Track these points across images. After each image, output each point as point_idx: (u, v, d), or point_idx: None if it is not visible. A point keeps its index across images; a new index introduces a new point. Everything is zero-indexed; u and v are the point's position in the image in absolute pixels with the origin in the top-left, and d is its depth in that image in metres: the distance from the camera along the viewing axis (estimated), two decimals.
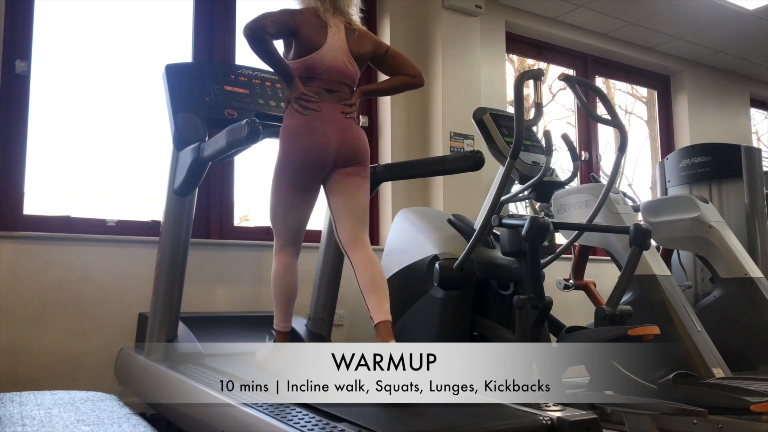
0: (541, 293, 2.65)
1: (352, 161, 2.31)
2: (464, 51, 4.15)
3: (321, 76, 2.30)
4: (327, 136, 2.24)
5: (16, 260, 2.87)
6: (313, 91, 2.28)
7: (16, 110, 3.03)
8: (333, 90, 2.32)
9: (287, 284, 2.36)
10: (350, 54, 2.35)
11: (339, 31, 2.33)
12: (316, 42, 2.29)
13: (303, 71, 2.30)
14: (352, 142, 2.30)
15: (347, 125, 2.31)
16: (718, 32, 5.10)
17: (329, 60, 2.30)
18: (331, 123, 2.27)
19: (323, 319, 3.02)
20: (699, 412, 2.08)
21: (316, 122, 2.25)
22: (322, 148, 2.23)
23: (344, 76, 2.35)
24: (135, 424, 1.71)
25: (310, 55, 2.28)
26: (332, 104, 2.30)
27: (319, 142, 2.23)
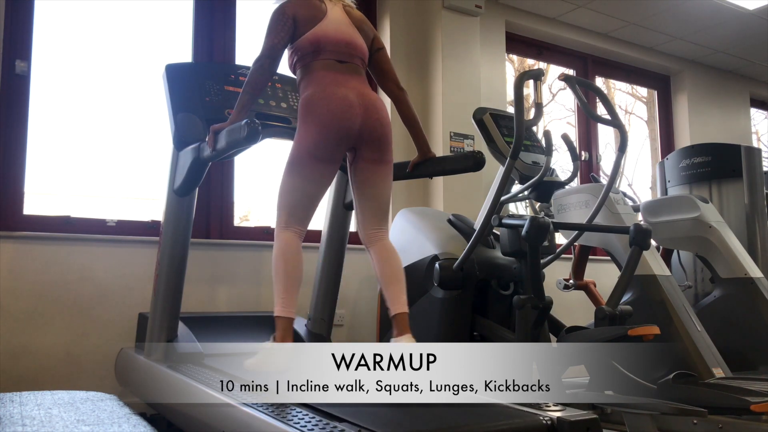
0: (541, 293, 2.65)
1: (377, 140, 2.21)
2: (464, 51, 4.15)
3: (328, 47, 2.23)
4: (349, 99, 2.15)
5: (16, 260, 2.87)
6: (323, 64, 2.21)
7: (16, 110, 3.03)
8: (344, 61, 2.25)
9: (293, 263, 2.11)
10: (354, 27, 2.31)
11: (337, 7, 2.30)
12: (316, 17, 2.24)
13: (308, 46, 2.22)
14: (377, 111, 2.21)
15: (368, 93, 2.23)
16: (718, 32, 5.10)
17: (333, 30, 2.25)
18: (351, 88, 2.18)
19: (323, 319, 3.02)
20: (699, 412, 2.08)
21: (335, 87, 2.17)
22: (346, 111, 2.13)
23: (353, 48, 2.28)
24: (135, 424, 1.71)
25: (311, 30, 2.22)
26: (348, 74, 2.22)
27: (341, 104, 2.13)
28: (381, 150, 2.23)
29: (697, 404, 2.15)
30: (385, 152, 2.25)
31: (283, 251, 2.12)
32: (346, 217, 3.01)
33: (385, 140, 2.24)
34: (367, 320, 3.70)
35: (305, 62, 2.23)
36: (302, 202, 2.18)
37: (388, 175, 2.28)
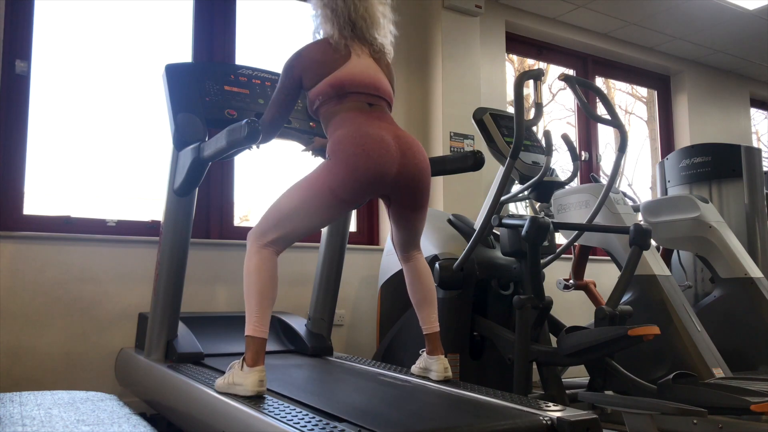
0: (541, 293, 2.66)
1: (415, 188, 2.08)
2: (464, 51, 4.15)
3: (354, 89, 2.10)
4: (386, 141, 2.00)
5: (16, 260, 2.87)
6: (351, 106, 2.08)
7: (16, 110, 3.03)
8: (373, 104, 2.13)
9: (270, 281, 1.98)
10: (381, 71, 2.19)
11: (364, 53, 2.16)
12: (337, 61, 2.10)
13: (331, 90, 2.09)
14: (414, 156, 2.05)
15: (404, 135, 2.08)
16: (718, 32, 5.11)
17: (359, 73, 2.12)
18: (386, 129, 2.04)
19: (323, 319, 3.02)
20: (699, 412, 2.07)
21: (369, 127, 2.02)
22: (383, 155, 1.97)
23: (381, 91, 2.15)
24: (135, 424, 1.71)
25: (333, 73, 2.09)
26: (379, 116, 2.10)
27: (378, 146, 1.97)
28: (419, 198, 2.13)
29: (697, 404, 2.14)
30: (424, 199, 2.14)
31: (258, 267, 1.98)
32: (346, 218, 3.02)
33: (424, 188, 2.12)
34: (367, 320, 3.70)
35: (330, 106, 2.11)
36: (299, 232, 2.04)
37: (425, 214, 2.21)
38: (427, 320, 2.24)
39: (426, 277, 2.26)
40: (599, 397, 2.44)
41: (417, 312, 2.26)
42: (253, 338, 1.95)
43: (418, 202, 2.14)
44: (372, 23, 2.17)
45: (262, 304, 1.97)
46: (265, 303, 1.97)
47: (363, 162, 1.95)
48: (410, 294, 2.27)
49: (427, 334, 2.24)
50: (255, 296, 1.97)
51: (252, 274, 1.99)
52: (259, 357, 1.94)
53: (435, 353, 2.24)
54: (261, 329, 1.95)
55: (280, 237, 2.02)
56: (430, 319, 2.24)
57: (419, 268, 2.26)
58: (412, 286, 2.26)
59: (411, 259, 2.27)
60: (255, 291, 1.97)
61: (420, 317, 2.25)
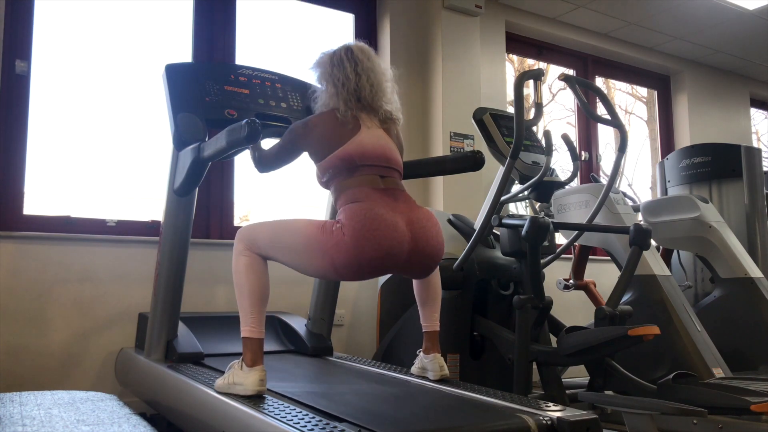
0: (541, 293, 2.65)
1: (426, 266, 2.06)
2: (464, 51, 4.15)
3: (365, 162, 2.02)
4: (399, 229, 1.91)
5: (16, 260, 2.87)
6: (364, 180, 2.00)
7: (16, 110, 3.03)
8: (384, 176, 2.05)
9: (260, 280, 1.96)
10: (392, 141, 2.14)
11: (374, 123, 2.11)
12: (346, 133, 2.05)
13: (341, 164, 2.02)
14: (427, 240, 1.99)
15: (418, 218, 2.00)
16: (718, 32, 5.11)
17: (371, 145, 2.05)
18: (400, 213, 1.96)
19: (323, 318, 3.02)
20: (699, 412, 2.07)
21: (384, 209, 1.92)
22: (395, 246, 1.90)
23: (392, 162, 2.09)
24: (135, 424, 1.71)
25: (343, 146, 2.02)
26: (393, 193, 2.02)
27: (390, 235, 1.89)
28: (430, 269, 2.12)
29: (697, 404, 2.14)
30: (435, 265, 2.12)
31: (248, 267, 1.96)
32: None
33: (433, 266, 2.11)
34: (367, 320, 3.70)
35: (340, 180, 2.04)
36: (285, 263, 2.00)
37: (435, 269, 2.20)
38: (428, 318, 2.24)
39: (434, 276, 2.25)
40: (599, 397, 2.44)
41: (420, 309, 2.26)
42: (250, 339, 1.94)
43: (427, 272, 2.15)
44: (376, 92, 2.12)
45: (255, 303, 1.94)
46: (258, 302, 1.95)
47: (371, 249, 1.86)
48: (415, 290, 2.26)
49: (427, 332, 2.24)
50: (247, 296, 1.95)
51: (242, 274, 1.96)
52: (258, 357, 1.93)
53: (431, 351, 2.24)
54: (257, 329, 1.94)
55: (267, 255, 2.00)
56: (431, 318, 2.24)
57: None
58: (419, 286, 2.26)
59: None
60: (247, 291, 1.95)
61: (422, 314, 2.25)
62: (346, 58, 2.12)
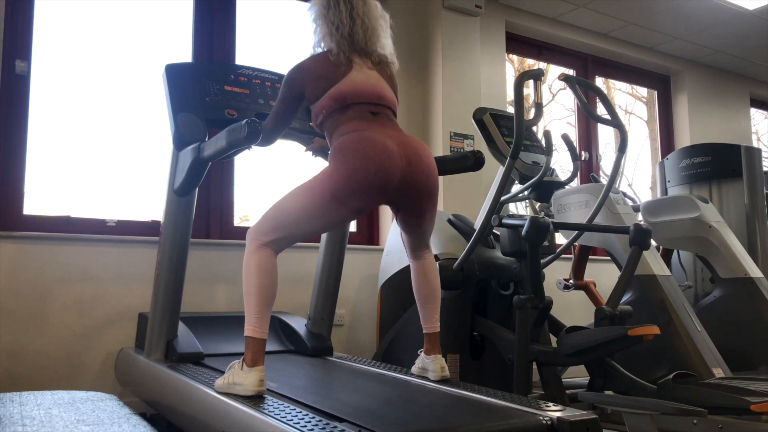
0: (541, 293, 2.66)
1: (422, 194, 2.05)
2: (464, 51, 4.15)
3: (357, 100, 2.07)
4: (388, 147, 1.96)
5: (16, 260, 2.87)
6: (354, 115, 2.05)
7: (16, 110, 3.03)
8: (376, 112, 2.10)
9: (270, 280, 1.97)
10: (384, 81, 2.17)
11: (365, 65, 2.14)
12: (339, 73, 2.08)
13: (333, 103, 2.06)
14: (420, 161, 2.02)
15: (410, 141, 2.04)
16: (718, 32, 5.11)
17: (362, 83, 2.09)
18: (389, 136, 2.00)
19: (323, 318, 3.02)
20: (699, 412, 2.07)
21: (372, 132, 1.98)
22: (385, 160, 1.94)
23: (385, 100, 2.13)
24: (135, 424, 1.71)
25: (335, 86, 2.06)
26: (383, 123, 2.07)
27: (380, 151, 1.94)
28: (425, 204, 2.10)
29: (697, 404, 2.14)
30: (431, 204, 2.12)
31: (258, 266, 1.96)
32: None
33: (431, 194, 2.09)
34: (367, 320, 3.70)
35: (333, 119, 2.08)
36: (298, 235, 2.01)
37: (434, 216, 2.18)
38: (428, 319, 2.24)
39: (433, 276, 2.25)
40: (599, 397, 2.44)
41: (420, 310, 2.26)
42: (253, 339, 1.93)
43: (424, 208, 2.11)
44: (370, 36, 2.15)
45: (262, 303, 1.94)
46: (265, 303, 1.95)
47: (363, 165, 1.92)
48: (415, 291, 2.26)
49: (427, 334, 2.25)
50: (255, 296, 1.95)
51: (251, 273, 1.96)
52: (259, 357, 1.93)
53: (432, 353, 2.25)
54: (260, 330, 1.94)
55: (279, 238, 2.00)
56: (432, 319, 2.24)
57: (427, 266, 2.25)
58: (418, 284, 2.25)
59: (420, 257, 2.26)
60: (255, 290, 1.95)
61: (422, 316, 2.25)
62: (342, 1, 2.14)
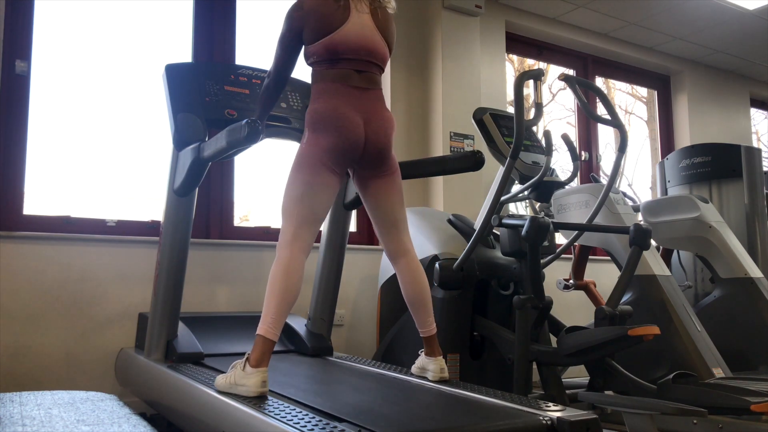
0: (541, 293, 2.66)
1: (376, 154, 2.14)
2: (464, 51, 4.15)
3: (347, 55, 2.11)
4: (355, 120, 2.08)
5: (16, 260, 2.87)
6: (339, 74, 2.11)
7: (16, 110, 3.03)
8: (362, 71, 2.14)
9: (294, 283, 1.98)
10: (379, 32, 2.18)
11: (363, 8, 2.15)
12: (336, 20, 2.09)
13: (325, 53, 2.11)
14: (378, 127, 2.12)
15: (377, 111, 2.14)
16: (718, 32, 5.11)
17: (355, 37, 2.11)
18: (361, 110, 2.10)
19: (323, 318, 3.02)
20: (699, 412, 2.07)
21: (345, 107, 2.08)
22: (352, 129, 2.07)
23: (375, 56, 2.16)
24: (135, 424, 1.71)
25: (329, 35, 2.09)
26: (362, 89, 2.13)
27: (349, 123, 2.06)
28: (379, 164, 2.17)
29: (697, 404, 2.14)
30: (383, 165, 2.18)
31: (286, 267, 1.97)
32: (346, 218, 3.01)
33: (384, 154, 2.16)
34: (367, 320, 3.70)
35: (321, 68, 2.14)
36: (315, 210, 2.07)
37: (393, 186, 2.21)
38: (423, 323, 2.22)
39: (419, 278, 2.22)
40: (599, 397, 2.44)
41: (412, 315, 2.24)
42: (264, 339, 1.93)
43: (380, 170, 2.18)
44: None
45: (282, 305, 1.95)
46: (284, 306, 1.95)
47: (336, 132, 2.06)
48: (404, 296, 2.24)
49: (425, 337, 2.24)
50: (276, 297, 1.95)
51: (277, 273, 1.98)
52: (264, 358, 1.93)
53: (433, 355, 2.24)
54: (273, 332, 1.94)
55: (300, 222, 2.04)
56: (426, 322, 2.22)
57: (411, 268, 2.22)
58: (405, 288, 2.23)
59: (399, 254, 2.23)
60: (276, 290, 1.95)
61: (416, 320, 2.24)
62: None
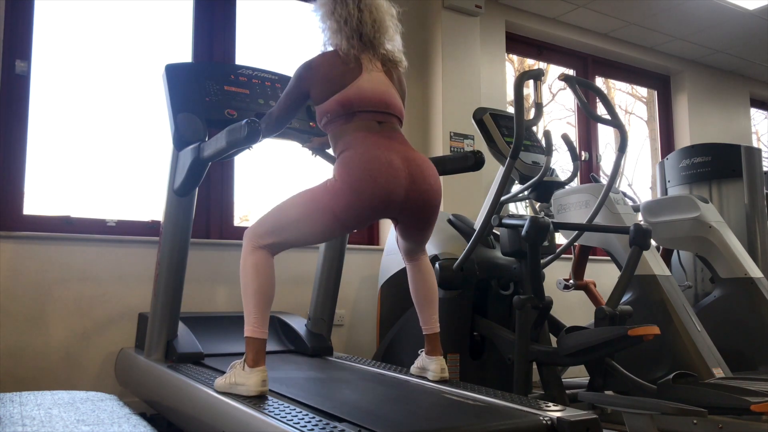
0: (541, 293, 2.66)
1: (424, 210, 2.03)
2: (464, 51, 4.15)
3: (363, 108, 2.03)
4: (394, 164, 1.93)
5: (16, 260, 2.87)
6: (360, 125, 2.02)
7: (16, 110, 3.03)
8: (382, 121, 2.06)
9: (267, 280, 1.97)
10: (393, 85, 2.13)
11: (376, 67, 2.10)
12: (348, 77, 2.04)
13: (340, 108, 2.03)
14: (424, 179, 1.99)
15: (414, 157, 2.01)
16: (718, 32, 5.11)
17: (370, 90, 2.05)
18: (395, 151, 1.97)
19: (323, 318, 3.02)
20: (699, 412, 2.07)
21: (378, 149, 1.94)
22: (391, 180, 1.91)
23: (392, 108, 2.09)
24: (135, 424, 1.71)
25: (342, 91, 2.03)
26: (389, 136, 2.03)
27: (386, 170, 1.91)
28: (427, 220, 2.10)
29: (697, 404, 2.14)
30: (432, 220, 2.11)
31: (255, 267, 1.96)
32: None
33: (433, 211, 2.08)
34: (367, 320, 3.70)
35: (338, 125, 2.05)
36: (294, 242, 2.01)
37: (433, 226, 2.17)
38: (427, 321, 2.24)
39: (429, 277, 2.25)
40: (599, 397, 2.44)
41: (418, 312, 2.26)
42: (253, 339, 1.94)
43: (425, 224, 2.12)
44: (378, 28, 2.12)
45: (261, 304, 1.95)
46: (264, 303, 1.95)
47: (369, 188, 1.89)
48: (412, 293, 2.27)
49: (427, 335, 2.25)
50: (253, 296, 1.95)
51: (249, 274, 1.97)
52: (260, 357, 1.93)
53: (433, 354, 2.25)
54: (260, 330, 1.94)
55: (275, 243, 2.00)
56: (431, 320, 2.24)
57: (423, 268, 2.26)
58: (415, 286, 2.26)
59: (415, 259, 2.27)
60: (252, 291, 1.95)
61: (421, 317, 2.26)
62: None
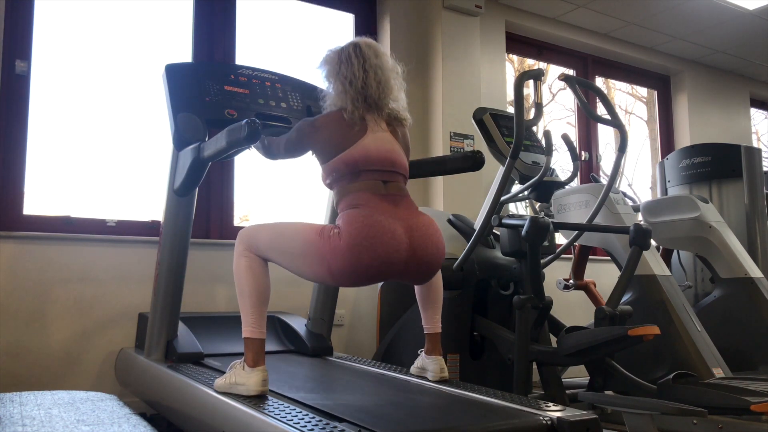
0: (541, 293, 2.66)
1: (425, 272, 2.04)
2: (464, 51, 4.15)
3: (369, 167, 2.00)
4: (397, 235, 1.90)
5: (16, 260, 2.87)
6: (365, 185, 1.98)
7: (16, 110, 3.03)
8: (387, 181, 2.03)
9: (262, 280, 1.97)
10: (398, 142, 2.11)
11: (380, 126, 2.08)
12: (353, 137, 2.02)
13: (345, 168, 2.00)
14: (426, 248, 1.96)
15: (418, 224, 1.97)
16: (718, 32, 5.11)
17: (375, 149, 2.02)
18: (399, 219, 1.94)
19: (323, 318, 3.02)
20: (699, 412, 2.07)
21: (382, 215, 1.91)
22: (392, 253, 1.88)
23: (397, 166, 2.06)
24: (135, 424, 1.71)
25: (348, 150, 2.00)
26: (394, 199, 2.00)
27: (388, 241, 1.87)
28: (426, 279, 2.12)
29: (697, 404, 2.14)
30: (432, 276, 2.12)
31: (250, 267, 1.97)
32: None
33: (432, 273, 2.08)
34: (367, 320, 3.70)
35: (343, 184, 2.02)
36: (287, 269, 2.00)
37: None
38: (430, 320, 2.24)
39: (436, 278, 2.25)
40: (599, 397, 2.44)
41: (421, 311, 2.26)
42: (251, 339, 1.94)
43: (425, 281, 2.14)
44: (383, 89, 2.09)
45: (257, 304, 1.95)
46: (260, 302, 1.95)
47: (368, 256, 1.85)
48: (417, 292, 2.27)
49: (428, 335, 2.25)
50: (248, 297, 1.96)
51: (243, 275, 1.97)
52: (260, 357, 1.94)
53: (433, 353, 2.25)
54: (258, 330, 1.95)
55: (266, 257, 2.01)
56: (433, 320, 2.24)
57: None
58: (420, 287, 2.26)
59: None
60: (248, 292, 1.96)
61: (423, 316, 2.26)
62: (354, 55, 2.10)
